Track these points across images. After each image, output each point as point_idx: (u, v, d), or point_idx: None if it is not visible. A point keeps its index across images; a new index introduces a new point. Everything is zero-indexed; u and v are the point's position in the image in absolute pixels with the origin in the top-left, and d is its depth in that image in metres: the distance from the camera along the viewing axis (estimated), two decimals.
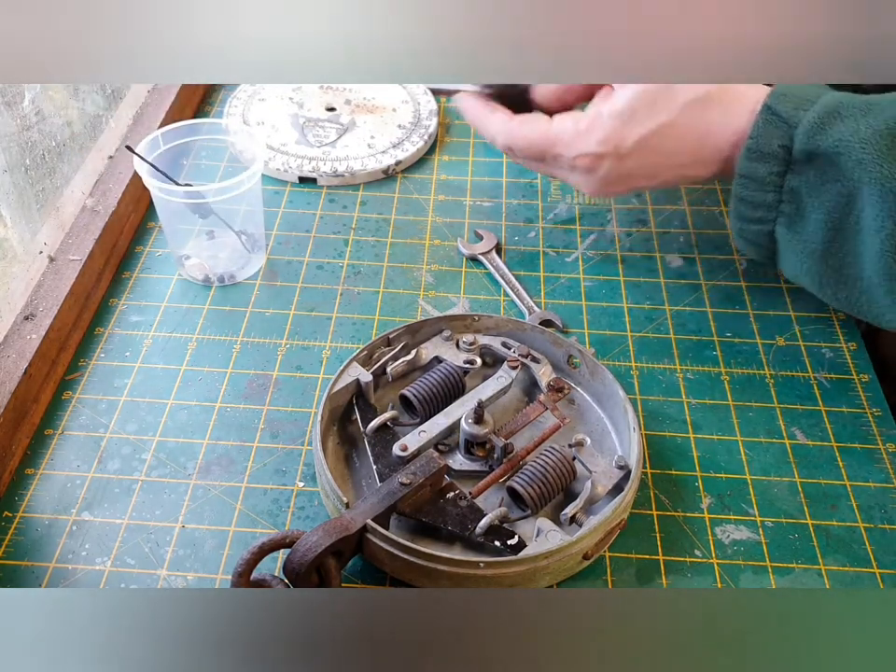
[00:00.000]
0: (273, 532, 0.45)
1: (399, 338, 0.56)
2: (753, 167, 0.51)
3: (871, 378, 0.58)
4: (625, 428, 0.51)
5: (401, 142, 0.75)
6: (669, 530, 0.50)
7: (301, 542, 0.43)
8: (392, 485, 0.47)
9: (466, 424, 0.50)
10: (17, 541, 0.48)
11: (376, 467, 0.49)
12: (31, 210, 0.60)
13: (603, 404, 0.55)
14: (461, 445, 0.51)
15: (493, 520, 0.47)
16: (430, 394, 0.52)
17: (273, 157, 0.74)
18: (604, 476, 0.49)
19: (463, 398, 0.53)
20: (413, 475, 0.47)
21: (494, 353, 0.56)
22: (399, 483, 0.47)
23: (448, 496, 0.48)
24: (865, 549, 0.49)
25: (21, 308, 0.57)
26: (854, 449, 0.54)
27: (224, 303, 0.63)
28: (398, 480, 0.47)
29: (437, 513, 0.48)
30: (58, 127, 0.63)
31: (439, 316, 0.57)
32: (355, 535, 0.44)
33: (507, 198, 0.72)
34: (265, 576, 0.44)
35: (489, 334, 0.57)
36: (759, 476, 0.52)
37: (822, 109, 0.48)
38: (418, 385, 0.53)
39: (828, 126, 0.48)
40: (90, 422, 0.55)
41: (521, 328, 0.57)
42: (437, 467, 0.48)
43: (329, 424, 0.52)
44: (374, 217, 0.70)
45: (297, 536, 0.44)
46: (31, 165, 0.59)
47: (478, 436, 0.50)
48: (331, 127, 0.77)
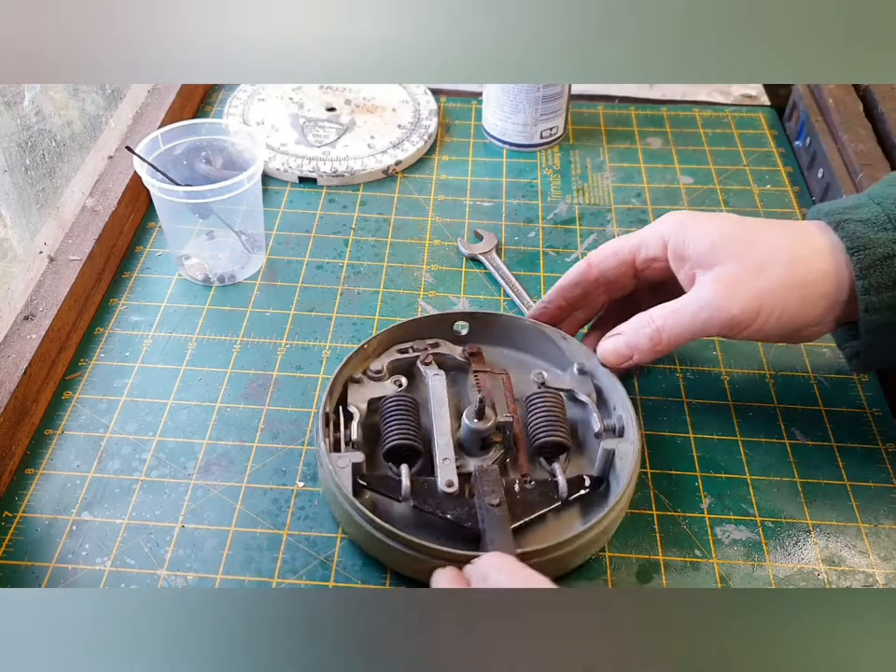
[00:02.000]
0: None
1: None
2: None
3: (871, 378, 0.58)
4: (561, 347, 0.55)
5: (401, 142, 0.75)
6: (669, 530, 0.50)
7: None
8: (492, 516, 0.46)
9: (472, 424, 0.50)
10: (17, 541, 0.48)
11: (438, 513, 0.47)
12: (31, 210, 0.60)
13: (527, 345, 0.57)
14: (471, 445, 0.51)
15: (563, 476, 0.49)
16: (413, 431, 0.50)
17: (272, 157, 0.74)
18: (577, 385, 0.53)
19: (434, 411, 0.51)
20: (493, 492, 0.47)
21: (401, 364, 0.55)
22: (492, 507, 0.46)
23: (515, 488, 0.49)
24: (865, 549, 0.49)
25: (21, 308, 0.57)
26: (854, 449, 0.54)
27: (224, 303, 0.63)
28: (487, 506, 0.46)
29: (528, 507, 0.48)
30: (58, 127, 0.63)
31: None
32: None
33: (507, 198, 0.72)
34: None
35: (381, 354, 0.55)
36: (759, 476, 0.52)
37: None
38: (394, 431, 0.50)
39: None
40: (90, 422, 0.55)
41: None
42: (496, 473, 0.48)
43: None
44: (374, 217, 0.70)
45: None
46: (31, 165, 0.59)
47: (487, 429, 0.50)
48: (331, 127, 0.77)
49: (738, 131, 0.80)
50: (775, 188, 0.73)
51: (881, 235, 0.46)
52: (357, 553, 0.48)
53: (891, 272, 0.46)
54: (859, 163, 0.67)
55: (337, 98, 0.81)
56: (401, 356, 0.55)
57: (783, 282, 0.47)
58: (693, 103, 0.84)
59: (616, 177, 0.74)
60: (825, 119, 0.74)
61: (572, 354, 0.55)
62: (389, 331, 0.55)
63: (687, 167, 0.75)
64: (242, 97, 0.81)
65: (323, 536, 0.49)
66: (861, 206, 0.48)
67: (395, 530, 0.44)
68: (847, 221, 0.47)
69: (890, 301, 0.46)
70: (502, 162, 0.76)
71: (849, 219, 0.47)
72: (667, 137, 0.79)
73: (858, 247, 0.46)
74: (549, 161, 0.76)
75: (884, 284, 0.46)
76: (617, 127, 0.80)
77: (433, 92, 0.82)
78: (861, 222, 0.47)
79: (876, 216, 0.47)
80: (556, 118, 0.76)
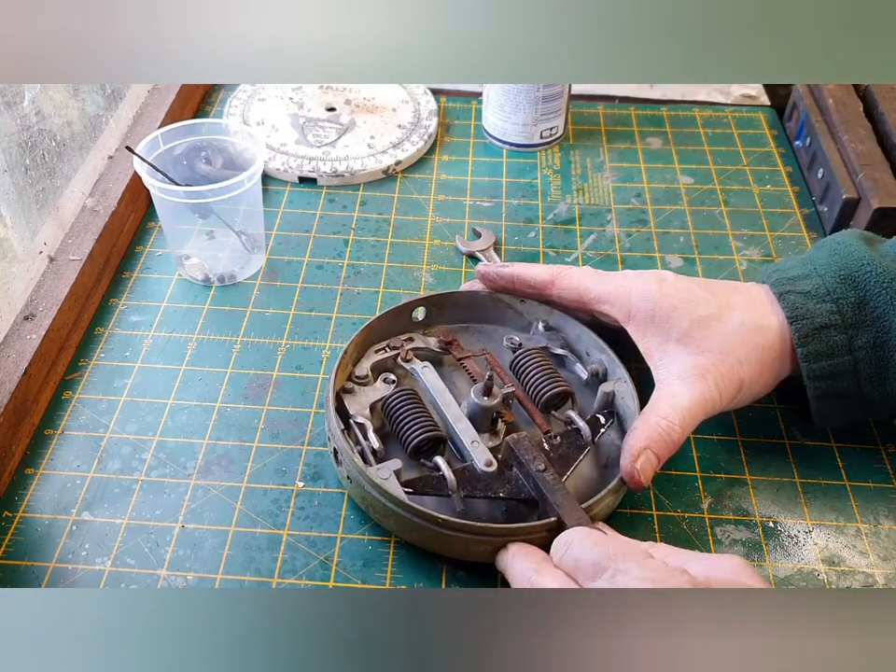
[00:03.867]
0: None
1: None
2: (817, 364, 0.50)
3: None
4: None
5: (401, 142, 0.75)
6: (669, 530, 0.50)
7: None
8: (544, 481, 0.47)
9: (482, 402, 0.50)
10: (17, 541, 0.48)
11: (490, 495, 0.48)
12: (31, 210, 0.60)
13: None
14: (481, 423, 0.51)
15: (582, 420, 0.51)
16: (431, 422, 0.51)
17: (272, 157, 0.74)
18: (548, 341, 0.56)
19: (439, 399, 0.52)
20: (535, 459, 0.48)
21: (383, 363, 0.55)
22: (541, 473, 0.47)
23: (545, 448, 0.50)
24: (865, 549, 0.49)
25: (21, 308, 0.57)
26: (854, 449, 0.54)
27: (224, 303, 0.63)
28: (537, 474, 0.47)
29: (565, 460, 0.49)
30: (58, 127, 0.63)
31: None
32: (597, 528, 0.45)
33: (507, 198, 0.72)
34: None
35: (360, 359, 0.56)
36: (759, 476, 0.52)
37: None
38: (413, 426, 0.50)
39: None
40: (90, 422, 0.55)
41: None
42: (528, 439, 0.49)
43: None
44: (374, 217, 0.70)
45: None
46: (31, 165, 0.59)
47: (496, 405, 0.51)
48: (331, 127, 0.77)
49: (738, 131, 0.80)
50: (775, 188, 0.73)
51: (819, 307, 0.49)
52: (356, 553, 0.48)
53: (829, 340, 0.49)
54: (859, 163, 0.67)
55: (337, 98, 0.81)
56: (380, 356, 0.55)
57: (756, 369, 0.50)
58: (693, 103, 0.84)
59: (616, 177, 0.74)
60: (825, 119, 0.74)
61: (532, 314, 0.57)
62: (360, 334, 0.55)
63: (687, 167, 0.75)
64: (242, 97, 0.81)
65: (323, 536, 0.49)
66: (805, 278, 0.51)
67: (471, 523, 0.45)
68: (790, 293, 0.50)
69: (830, 369, 0.49)
70: (502, 162, 0.76)
71: (791, 291, 0.50)
72: (667, 137, 0.79)
73: (797, 317, 0.49)
74: (549, 160, 0.76)
75: (822, 352, 0.49)
76: (617, 127, 0.80)
77: (433, 92, 0.82)
78: (801, 294, 0.50)
79: (817, 288, 0.50)
80: (556, 118, 0.76)
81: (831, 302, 0.49)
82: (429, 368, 0.54)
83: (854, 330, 0.49)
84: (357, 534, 0.49)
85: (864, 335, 0.49)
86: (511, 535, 0.45)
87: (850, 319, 0.49)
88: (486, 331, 0.58)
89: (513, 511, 0.49)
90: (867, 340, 0.49)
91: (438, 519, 0.45)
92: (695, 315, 0.50)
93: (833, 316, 0.49)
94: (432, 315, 0.58)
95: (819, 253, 0.52)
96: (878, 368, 0.49)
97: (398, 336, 0.57)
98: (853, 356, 0.49)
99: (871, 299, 0.49)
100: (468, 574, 0.47)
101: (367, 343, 0.56)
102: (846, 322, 0.49)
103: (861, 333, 0.49)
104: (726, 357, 0.49)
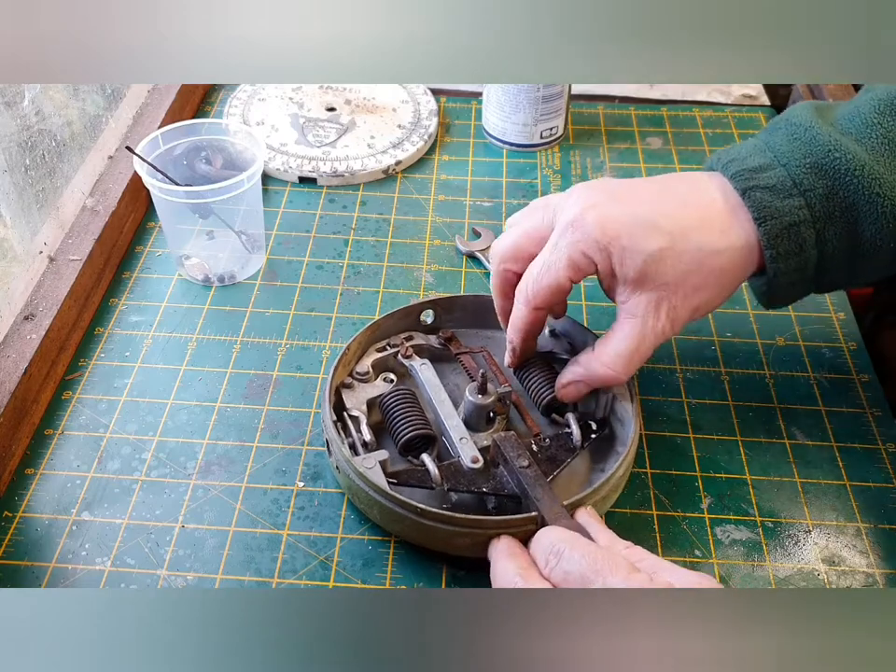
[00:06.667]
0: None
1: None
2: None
3: (871, 378, 0.58)
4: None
5: (401, 142, 0.75)
6: (669, 530, 0.50)
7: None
8: (527, 477, 0.47)
9: (476, 400, 0.51)
10: (17, 541, 0.48)
11: (473, 489, 0.48)
12: (31, 210, 0.60)
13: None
14: (477, 421, 0.52)
15: (576, 424, 0.51)
16: (423, 420, 0.51)
17: (272, 157, 0.74)
18: (553, 346, 0.56)
19: (433, 397, 0.52)
20: (519, 456, 0.48)
21: (383, 361, 0.56)
22: (524, 469, 0.47)
23: (533, 448, 0.50)
24: (865, 549, 0.49)
25: (21, 308, 0.57)
26: (854, 449, 0.54)
27: (224, 303, 0.63)
28: (520, 470, 0.47)
29: (552, 461, 0.50)
30: (58, 127, 0.63)
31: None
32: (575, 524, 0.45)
33: (507, 198, 0.72)
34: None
35: (362, 356, 0.56)
36: (759, 476, 0.52)
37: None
38: (405, 424, 0.50)
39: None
40: (90, 422, 0.55)
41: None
42: (514, 437, 0.49)
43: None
44: (374, 217, 0.70)
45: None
46: (31, 165, 0.59)
47: (491, 403, 0.51)
48: (331, 127, 0.77)
49: (738, 131, 0.80)
50: None
51: (787, 203, 0.46)
52: (356, 553, 0.48)
53: (798, 238, 0.47)
54: None
55: (337, 98, 0.81)
56: (381, 354, 0.56)
57: (713, 292, 0.48)
58: (693, 103, 0.84)
59: (616, 177, 0.74)
60: None
61: None
62: (364, 332, 0.55)
63: (687, 167, 0.75)
64: (242, 97, 0.81)
65: (323, 536, 0.49)
66: (768, 168, 0.48)
67: (450, 513, 0.45)
68: (754, 189, 0.47)
69: (797, 264, 0.48)
70: (502, 162, 0.76)
71: (756, 186, 0.47)
72: (667, 137, 0.79)
73: (765, 217, 0.46)
74: (549, 160, 0.76)
75: (791, 251, 0.47)
76: (617, 127, 0.80)
77: (433, 92, 0.82)
78: (767, 189, 0.47)
79: (782, 181, 0.47)
80: (556, 118, 0.76)
81: (798, 196, 0.46)
82: (427, 365, 0.54)
83: (822, 223, 0.47)
84: (357, 534, 0.49)
85: (833, 226, 0.47)
86: (491, 528, 0.45)
87: (819, 212, 0.46)
88: (494, 336, 0.58)
89: (502, 509, 0.49)
90: (836, 231, 0.47)
91: (417, 508, 0.46)
92: (647, 252, 0.46)
93: (802, 212, 0.46)
94: (440, 317, 0.58)
95: (776, 137, 0.49)
96: (847, 258, 0.48)
97: (398, 334, 0.57)
98: (821, 248, 0.47)
99: (841, 188, 0.46)
100: (468, 574, 0.47)
101: (370, 342, 0.56)
102: (815, 216, 0.46)
103: (829, 226, 0.47)
104: (680, 287, 0.47)
